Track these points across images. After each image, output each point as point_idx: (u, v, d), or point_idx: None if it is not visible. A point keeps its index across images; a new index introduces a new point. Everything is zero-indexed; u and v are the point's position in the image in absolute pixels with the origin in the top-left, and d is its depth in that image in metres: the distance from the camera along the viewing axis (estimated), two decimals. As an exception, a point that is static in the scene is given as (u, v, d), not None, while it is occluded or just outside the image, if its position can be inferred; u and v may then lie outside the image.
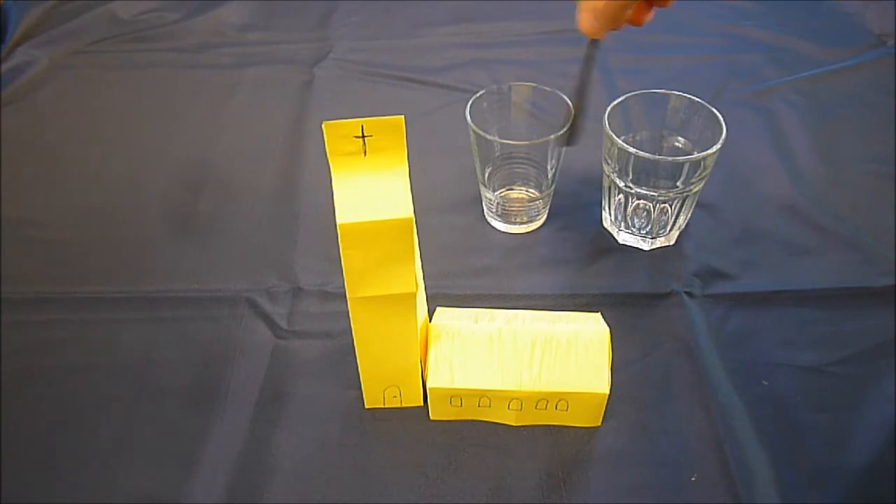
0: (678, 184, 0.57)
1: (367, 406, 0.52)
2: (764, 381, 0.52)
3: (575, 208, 0.66)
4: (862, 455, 0.48)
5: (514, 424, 0.50)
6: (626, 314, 0.57)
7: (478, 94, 0.60)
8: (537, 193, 0.62)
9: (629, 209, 0.60)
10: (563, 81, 0.60)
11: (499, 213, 0.64)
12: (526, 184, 0.63)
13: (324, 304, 0.58)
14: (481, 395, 0.48)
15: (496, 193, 0.63)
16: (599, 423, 0.50)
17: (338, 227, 0.40)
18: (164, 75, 0.83)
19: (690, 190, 0.57)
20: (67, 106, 0.80)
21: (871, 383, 0.52)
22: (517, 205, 0.63)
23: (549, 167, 0.60)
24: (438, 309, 0.52)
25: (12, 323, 0.58)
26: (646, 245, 0.62)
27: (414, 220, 0.41)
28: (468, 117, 0.58)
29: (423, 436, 0.50)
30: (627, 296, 0.58)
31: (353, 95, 0.80)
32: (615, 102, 0.59)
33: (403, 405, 0.52)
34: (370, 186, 0.41)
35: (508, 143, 0.59)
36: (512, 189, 0.63)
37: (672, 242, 0.62)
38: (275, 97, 0.80)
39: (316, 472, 0.49)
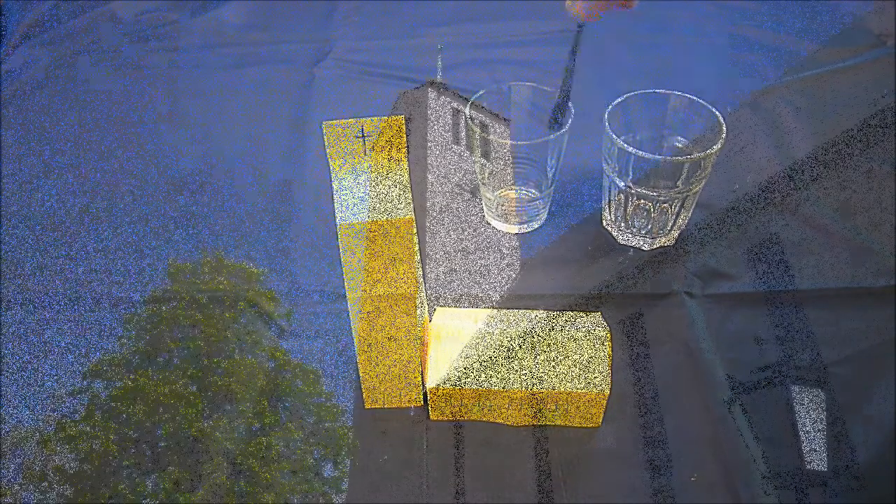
0: (678, 184, 0.57)
1: (367, 406, 0.52)
2: (763, 380, 0.52)
3: (575, 208, 0.66)
4: (862, 455, 0.48)
5: (514, 424, 0.50)
6: (626, 314, 0.57)
7: (478, 94, 0.60)
8: (537, 193, 0.62)
9: (629, 209, 0.60)
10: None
11: (499, 213, 0.64)
12: (526, 184, 0.63)
13: (324, 305, 0.58)
14: (481, 395, 0.48)
15: (496, 193, 0.63)
16: (599, 424, 0.50)
17: (338, 227, 0.40)
18: (164, 75, 0.83)
19: (690, 190, 0.57)
20: (67, 106, 0.80)
21: (871, 383, 0.52)
22: (517, 205, 0.63)
23: (548, 167, 0.60)
24: (438, 309, 0.52)
25: (12, 323, 0.58)
26: (646, 245, 0.62)
27: (414, 220, 0.41)
28: (468, 117, 0.58)
29: (423, 436, 0.50)
30: (627, 296, 0.58)
31: (353, 95, 0.80)
32: (615, 102, 0.59)
33: (403, 405, 0.52)
34: (370, 186, 0.41)
35: (508, 143, 0.59)
36: (512, 189, 0.63)
37: (672, 242, 0.62)
38: (275, 97, 0.80)
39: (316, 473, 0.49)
